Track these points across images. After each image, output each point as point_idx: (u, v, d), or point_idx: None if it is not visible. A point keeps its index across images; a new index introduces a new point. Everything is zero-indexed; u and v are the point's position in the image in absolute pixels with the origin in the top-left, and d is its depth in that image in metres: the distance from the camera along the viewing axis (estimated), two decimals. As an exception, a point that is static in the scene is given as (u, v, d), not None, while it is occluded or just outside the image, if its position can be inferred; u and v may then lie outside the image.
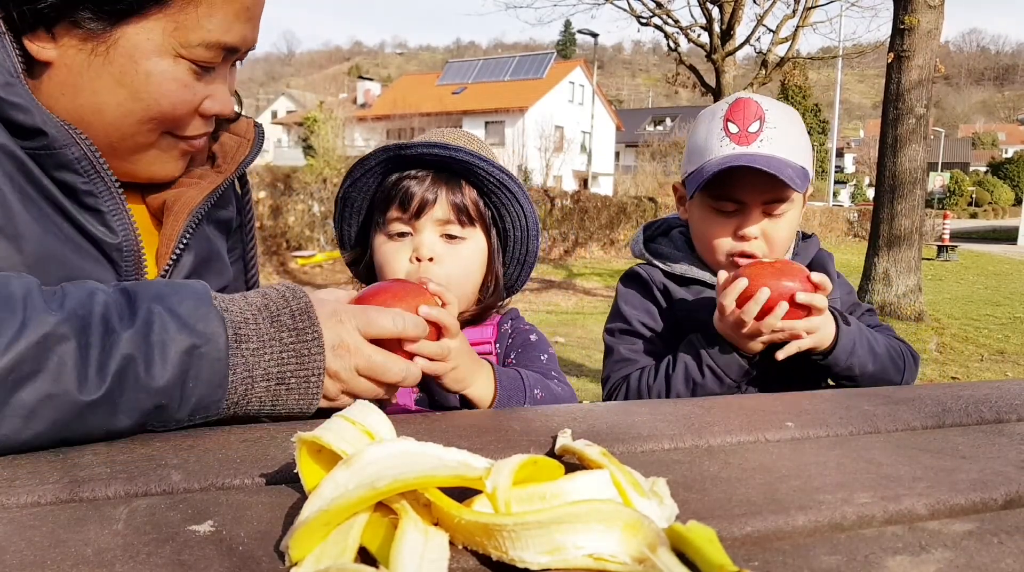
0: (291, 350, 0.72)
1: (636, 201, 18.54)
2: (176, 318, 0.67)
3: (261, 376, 0.71)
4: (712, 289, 1.32)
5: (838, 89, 28.94)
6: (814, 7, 13.40)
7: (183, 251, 0.95)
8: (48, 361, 0.60)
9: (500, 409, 0.95)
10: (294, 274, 11.45)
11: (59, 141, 0.80)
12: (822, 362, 1.22)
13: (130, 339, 0.64)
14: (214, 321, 0.69)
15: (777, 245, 1.29)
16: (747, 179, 1.23)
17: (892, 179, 8.10)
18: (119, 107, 0.82)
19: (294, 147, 37.57)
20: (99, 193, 0.84)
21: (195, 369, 0.67)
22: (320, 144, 25.13)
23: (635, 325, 1.35)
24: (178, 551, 0.44)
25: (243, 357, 0.70)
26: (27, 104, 0.78)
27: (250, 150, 1.02)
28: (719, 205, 1.29)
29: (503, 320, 1.17)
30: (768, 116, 1.27)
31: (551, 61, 42.90)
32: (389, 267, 1.07)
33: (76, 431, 0.63)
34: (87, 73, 0.80)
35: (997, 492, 0.56)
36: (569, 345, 6.79)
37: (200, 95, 0.87)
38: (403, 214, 1.05)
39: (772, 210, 1.26)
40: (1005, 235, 28.90)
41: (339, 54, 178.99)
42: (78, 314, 0.64)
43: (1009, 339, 7.57)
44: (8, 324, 0.60)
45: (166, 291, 0.70)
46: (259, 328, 0.72)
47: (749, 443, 0.69)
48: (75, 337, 0.62)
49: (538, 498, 0.46)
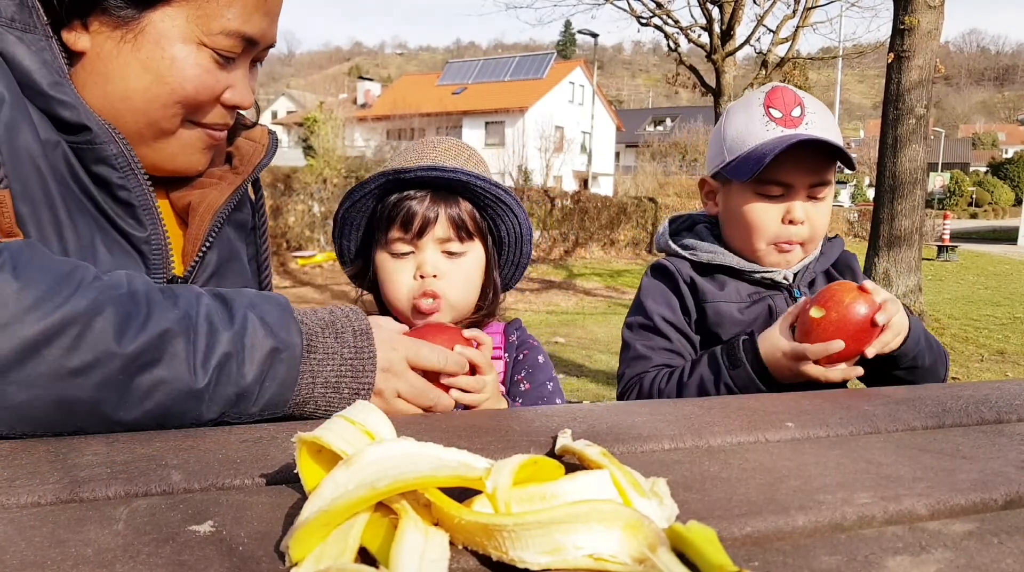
0: (349, 364, 0.83)
1: (636, 201, 18.54)
2: (265, 325, 0.77)
3: (322, 383, 0.81)
4: (734, 277, 1.33)
5: (838, 89, 28.92)
6: (814, 7, 13.40)
7: (208, 250, 1.00)
8: (165, 352, 0.70)
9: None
10: (294, 274, 11.45)
11: (100, 137, 0.86)
12: (896, 353, 1.18)
13: (229, 339, 0.74)
14: (294, 331, 0.80)
15: (819, 231, 1.31)
16: (793, 162, 1.25)
17: (892, 179, 8.10)
18: (146, 92, 0.88)
19: (294, 147, 37.57)
20: (132, 188, 0.90)
21: (274, 370, 0.77)
22: (320, 144, 25.12)
23: (655, 321, 1.34)
24: (178, 551, 0.44)
25: (310, 365, 0.80)
26: (74, 102, 0.84)
27: (265, 154, 1.08)
28: (765, 189, 1.29)
29: (509, 330, 1.20)
30: (806, 102, 1.31)
31: (551, 61, 42.88)
32: (393, 284, 1.11)
33: (174, 417, 0.72)
34: (117, 60, 0.87)
35: (997, 492, 0.56)
36: (569, 345, 6.79)
37: (222, 83, 0.92)
38: (405, 234, 1.09)
39: (816, 193, 1.29)
40: (1005, 235, 28.90)
41: (339, 54, 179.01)
42: (188, 314, 0.73)
43: (1009, 339, 7.58)
44: (135, 317, 0.69)
45: (258, 300, 0.80)
46: (326, 341, 0.82)
47: (749, 443, 0.69)
48: (185, 333, 0.72)
49: (538, 498, 0.46)
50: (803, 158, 1.25)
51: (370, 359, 0.84)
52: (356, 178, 12.53)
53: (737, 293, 1.33)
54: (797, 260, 1.34)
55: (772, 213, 1.30)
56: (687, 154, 45.09)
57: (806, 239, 1.31)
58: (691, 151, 44.54)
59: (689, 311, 1.34)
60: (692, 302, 1.34)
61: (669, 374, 1.28)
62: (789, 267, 1.34)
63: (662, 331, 1.34)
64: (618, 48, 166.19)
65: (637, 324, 1.37)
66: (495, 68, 44.41)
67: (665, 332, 1.34)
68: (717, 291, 1.33)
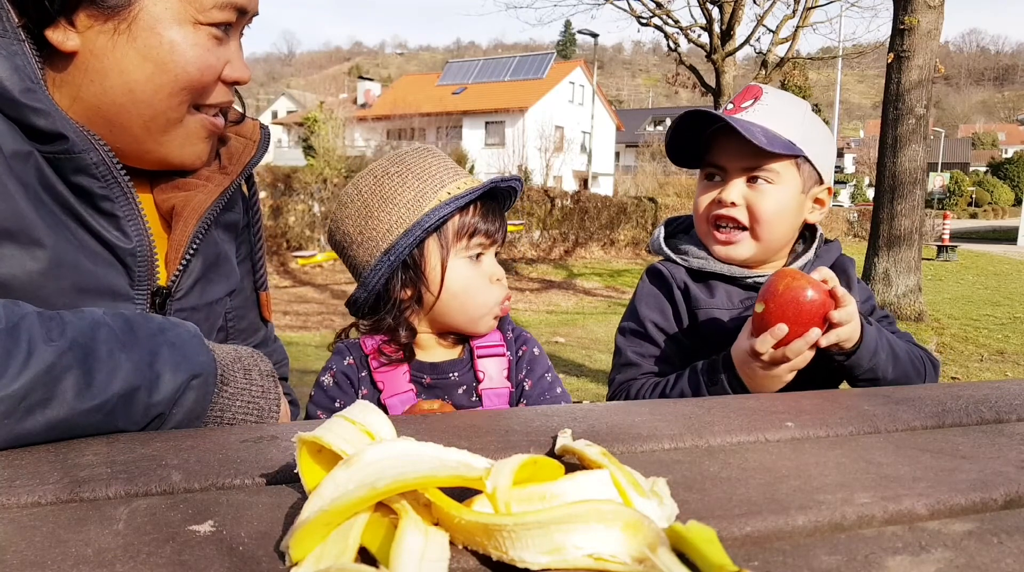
0: (256, 404, 0.82)
1: (636, 201, 18.53)
2: (176, 350, 0.73)
3: (229, 419, 0.79)
4: (727, 282, 1.33)
5: (838, 89, 28.93)
6: (814, 7, 13.41)
7: (192, 256, 0.96)
8: (55, 389, 0.63)
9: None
10: (294, 274, 11.45)
11: (78, 145, 0.81)
12: (845, 362, 1.18)
13: (134, 368, 0.69)
14: (207, 359, 0.76)
15: (762, 218, 1.28)
16: (727, 146, 1.30)
17: (892, 179, 8.11)
18: (148, 82, 0.84)
19: (294, 147, 37.55)
20: (115, 198, 0.86)
21: (184, 398, 0.73)
22: (320, 144, 25.12)
23: (647, 327, 1.34)
24: (178, 551, 0.44)
25: (222, 399, 0.78)
26: (48, 109, 0.79)
27: (256, 151, 1.03)
28: (705, 172, 1.36)
29: (504, 327, 1.20)
30: (766, 97, 1.31)
31: (551, 61, 42.85)
32: (481, 293, 1.12)
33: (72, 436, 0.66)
34: (113, 54, 0.82)
35: (997, 492, 0.56)
36: (569, 345, 6.79)
37: (222, 60, 0.90)
38: (488, 237, 1.12)
39: (752, 178, 1.30)
40: (1005, 235, 28.90)
41: (339, 54, 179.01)
42: (79, 343, 0.66)
43: (1009, 339, 7.58)
44: (14, 355, 0.62)
45: (168, 325, 0.76)
46: (235, 376, 0.80)
47: (749, 443, 0.69)
48: (79, 365, 0.65)
49: (538, 498, 0.46)
50: (737, 143, 1.26)
51: (275, 400, 0.83)
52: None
53: (729, 299, 1.31)
54: (745, 253, 1.31)
55: (709, 195, 1.33)
56: (687, 154, 44.96)
57: (743, 222, 1.29)
58: (691, 151, 44.42)
59: (681, 317, 1.34)
60: (685, 308, 1.33)
61: (654, 385, 1.27)
62: (737, 260, 1.32)
63: (653, 338, 1.34)
64: (618, 48, 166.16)
65: (629, 330, 1.37)
66: (495, 68, 44.39)
67: (656, 339, 1.33)
68: (709, 298, 1.32)
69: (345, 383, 1.11)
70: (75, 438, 0.66)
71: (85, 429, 0.66)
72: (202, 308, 1.00)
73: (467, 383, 1.12)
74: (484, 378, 1.13)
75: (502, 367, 1.15)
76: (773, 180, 1.28)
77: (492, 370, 1.14)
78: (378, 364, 1.11)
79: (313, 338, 7.00)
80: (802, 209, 1.33)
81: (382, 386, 1.10)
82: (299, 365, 5.50)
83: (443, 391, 1.11)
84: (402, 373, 1.11)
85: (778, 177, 1.28)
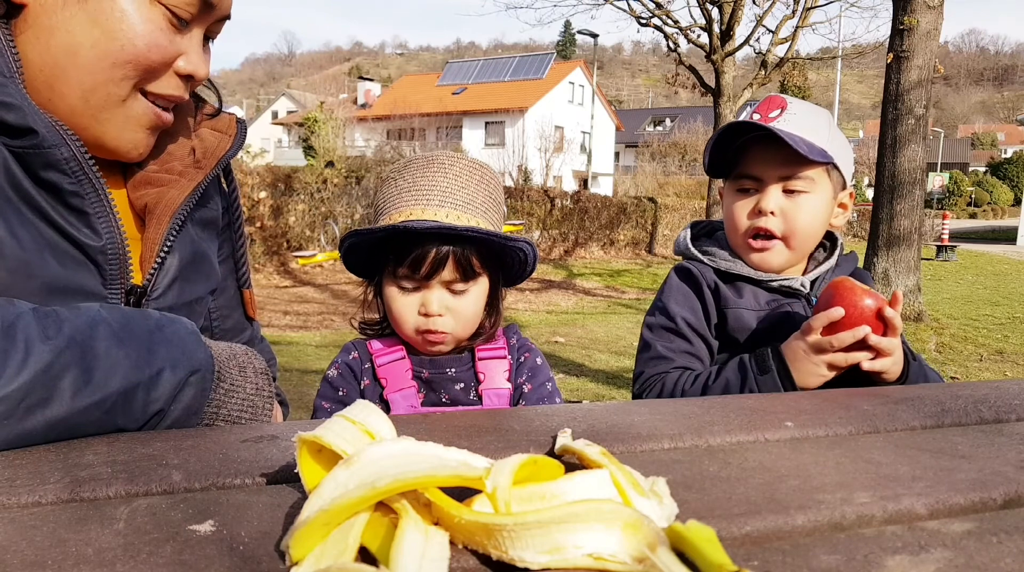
0: (251, 401, 0.81)
1: (636, 201, 18.53)
2: (175, 347, 0.73)
3: (224, 416, 0.79)
4: (754, 284, 1.35)
5: (837, 89, 28.90)
6: (813, 7, 13.41)
7: (167, 254, 0.94)
8: (54, 389, 0.63)
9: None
10: (295, 274, 11.45)
11: (48, 140, 0.79)
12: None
13: (132, 366, 0.68)
14: (204, 356, 0.76)
15: (797, 228, 1.31)
16: (762, 155, 1.30)
17: (891, 179, 8.11)
18: (93, 48, 0.81)
19: (294, 147, 37.54)
20: (85, 194, 0.84)
21: (183, 394, 0.73)
22: (320, 144, 25.13)
23: (678, 323, 1.35)
24: (179, 551, 0.44)
25: (218, 395, 0.78)
26: (19, 103, 0.77)
27: (231, 145, 1.01)
28: (739, 184, 1.35)
29: (508, 333, 1.22)
30: (791, 107, 1.32)
31: (551, 61, 42.86)
32: (399, 316, 1.12)
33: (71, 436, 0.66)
34: (62, 12, 0.80)
35: (996, 492, 0.56)
36: (569, 345, 6.79)
37: (175, 47, 0.87)
38: (413, 275, 1.09)
39: (789, 187, 1.30)
40: (1004, 235, 28.89)
41: (339, 54, 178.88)
42: (76, 340, 0.65)
43: (1008, 339, 7.58)
44: (12, 355, 0.61)
45: (164, 321, 0.75)
46: (231, 373, 0.80)
47: (749, 443, 0.69)
48: (77, 363, 0.64)
49: (538, 498, 0.46)
50: (772, 152, 1.28)
51: (269, 399, 0.83)
52: (356, 177, 12.54)
53: (756, 300, 1.34)
54: (779, 262, 1.34)
55: (745, 207, 1.33)
56: (686, 154, 45.11)
57: (781, 232, 1.31)
58: (690, 151, 44.57)
59: (710, 315, 1.36)
60: (714, 307, 1.36)
61: (694, 377, 1.29)
62: (770, 268, 1.35)
63: (683, 334, 1.35)
64: (618, 48, 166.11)
65: (659, 325, 1.38)
66: (495, 68, 44.40)
67: (686, 335, 1.35)
68: (737, 298, 1.34)
69: (348, 374, 1.16)
70: (75, 437, 0.66)
71: (85, 427, 0.66)
72: (181, 307, 0.97)
73: (465, 381, 1.15)
74: (485, 378, 1.15)
75: (503, 369, 1.17)
76: (809, 188, 1.31)
77: (493, 371, 1.16)
78: (381, 361, 1.15)
79: (313, 338, 7.00)
80: (830, 215, 1.37)
81: (385, 382, 1.14)
82: (299, 365, 5.50)
83: (441, 385, 1.14)
84: (404, 370, 1.14)
85: (813, 184, 1.31)
